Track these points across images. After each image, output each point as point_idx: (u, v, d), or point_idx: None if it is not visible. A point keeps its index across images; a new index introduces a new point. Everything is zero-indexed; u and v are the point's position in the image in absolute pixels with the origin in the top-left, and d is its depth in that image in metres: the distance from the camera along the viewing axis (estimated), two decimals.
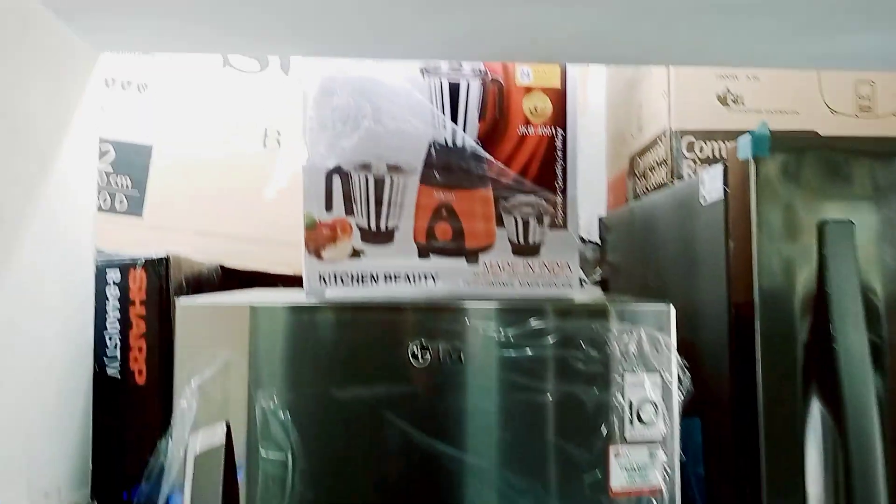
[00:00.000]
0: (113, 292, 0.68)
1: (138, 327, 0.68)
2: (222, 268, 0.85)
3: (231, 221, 0.86)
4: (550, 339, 0.59)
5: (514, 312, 0.60)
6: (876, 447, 0.63)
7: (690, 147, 0.84)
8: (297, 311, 0.61)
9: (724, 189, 0.68)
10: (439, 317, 0.60)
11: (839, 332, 0.64)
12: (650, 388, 0.59)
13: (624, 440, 0.59)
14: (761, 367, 0.65)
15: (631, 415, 0.59)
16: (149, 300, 0.68)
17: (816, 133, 0.84)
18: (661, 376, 0.60)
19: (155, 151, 0.85)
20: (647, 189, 0.94)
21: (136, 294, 0.68)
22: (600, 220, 1.10)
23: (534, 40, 0.65)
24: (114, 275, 0.69)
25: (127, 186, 0.84)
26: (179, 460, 0.58)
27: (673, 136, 0.85)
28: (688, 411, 0.67)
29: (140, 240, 0.84)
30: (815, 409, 0.66)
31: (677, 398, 0.60)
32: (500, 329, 0.59)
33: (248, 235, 0.86)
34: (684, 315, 0.73)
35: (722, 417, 0.70)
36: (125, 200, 0.84)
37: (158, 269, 0.68)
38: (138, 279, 0.68)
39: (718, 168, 0.69)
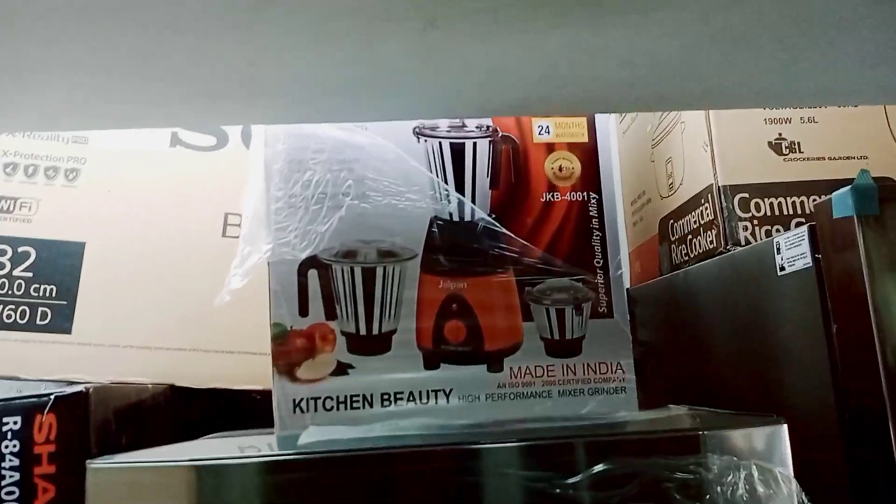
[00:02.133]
0: (10, 447, 0.50)
1: (45, 493, 0.50)
2: (173, 389, 0.68)
3: (184, 330, 0.69)
4: (623, 490, 0.42)
5: (570, 453, 0.43)
6: None
7: (745, 205, 0.70)
8: (262, 470, 0.43)
9: (814, 256, 0.53)
10: (466, 467, 0.42)
11: None
12: None
13: None
14: None
15: None
16: (61, 453, 0.50)
17: (891, 179, 0.70)
18: None
19: (89, 250, 0.69)
20: (688, 256, 0.79)
21: (42, 447, 0.50)
22: (626, 292, 0.94)
23: (552, 86, 0.50)
24: (12, 422, 0.50)
25: (51, 295, 0.67)
26: None
27: (722, 194, 0.70)
28: None
29: (68, 361, 0.66)
30: None
31: None
32: (552, 479, 0.42)
33: (207, 346, 0.69)
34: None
35: None
36: (49, 313, 0.67)
37: (75, 407, 0.51)
38: (46, 426, 0.50)
39: (802, 231, 0.54)
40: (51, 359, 0.66)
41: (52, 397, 0.50)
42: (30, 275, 0.67)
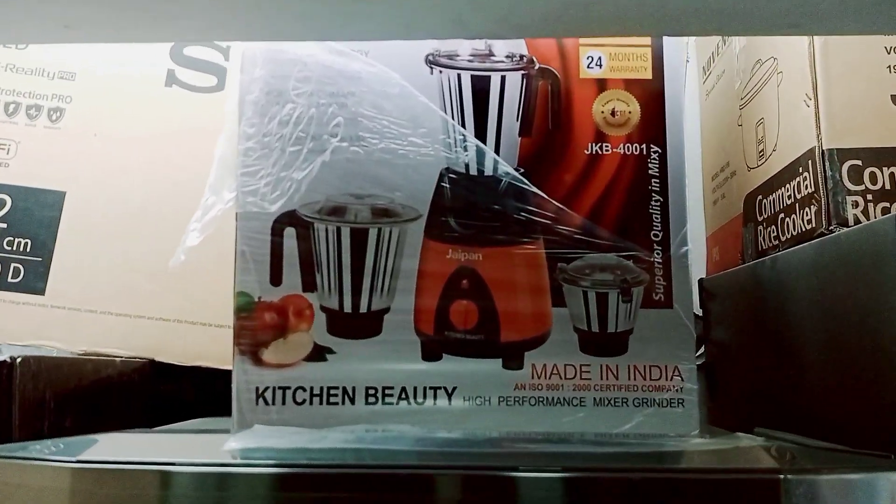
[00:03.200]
0: None
1: None
2: (152, 364, 0.59)
3: (169, 299, 0.60)
4: None
5: (616, 492, 0.30)
6: None
7: (856, 175, 0.54)
8: (203, 480, 0.32)
9: None
10: (471, 498, 0.30)
11: None
12: None
13: None
14: None
15: None
16: None
17: None
18: None
19: (69, 200, 0.61)
20: (779, 239, 0.64)
21: None
22: (700, 282, 0.79)
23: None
24: None
25: (26, 249, 0.59)
26: None
27: (826, 160, 0.55)
28: None
29: (40, 326, 0.58)
30: None
31: None
32: None
33: (191, 318, 0.60)
34: None
35: None
36: (22, 270, 0.59)
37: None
38: None
39: None
40: (22, 322, 0.59)
41: None
42: (3, 226, 0.60)
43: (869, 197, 0.55)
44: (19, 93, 0.62)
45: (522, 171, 0.44)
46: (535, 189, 0.43)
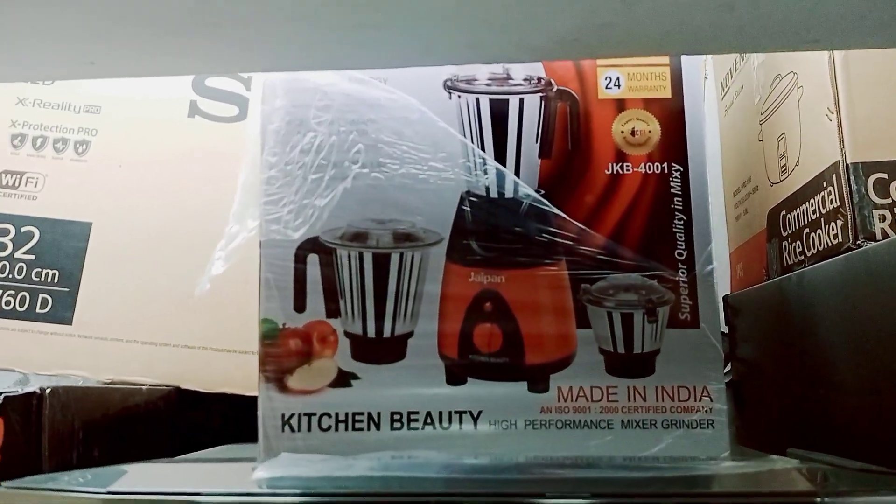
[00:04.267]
0: None
1: None
2: (178, 391, 0.59)
3: (194, 326, 0.60)
4: None
5: None
6: None
7: (882, 188, 0.53)
8: None
9: None
10: None
11: None
12: None
13: None
14: None
15: None
16: (7, 465, 0.42)
17: None
18: None
19: (95, 230, 0.62)
20: (804, 255, 0.63)
21: None
22: (724, 299, 0.78)
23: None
24: None
25: (53, 280, 0.60)
26: None
27: (851, 173, 0.54)
28: None
29: (68, 355, 0.59)
30: None
31: None
32: None
33: (216, 345, 0.60)
34: None
35: None
36: (50, 301, 0.60)
37: (26, 412, 0.42)
38: None
39: None
40: (49, 352, 0.60)
41: (0, 397, 0.42)
42: (32, 258, 0.61)
43: None
44: (46, 127, 0.64)
45: (543, 192, 0.44)
46: (556, 210, 0.43)
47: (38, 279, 0.61)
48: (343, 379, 0.43)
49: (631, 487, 0.32)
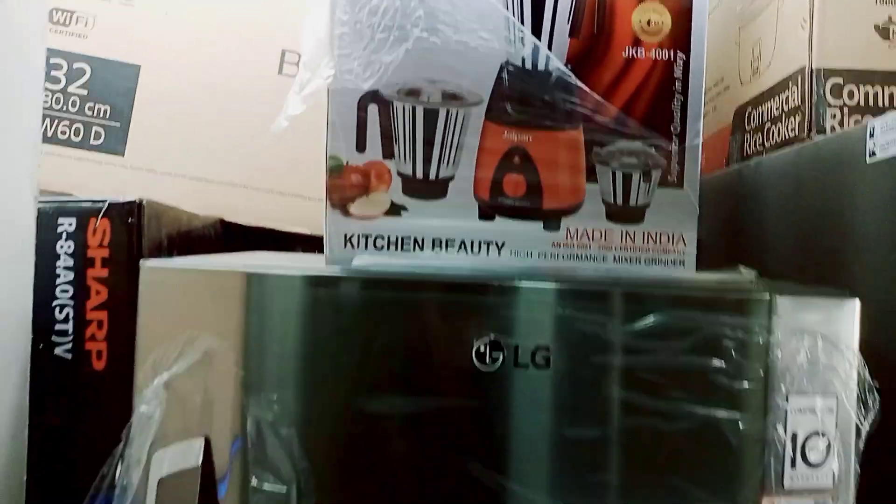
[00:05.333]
0: (66, 247, 0.50)
1: (98, 295, 0.50)
2: (222, 223, 0.67)
3: (237, 166, 0.68)
4: (684, 342, 0.40)
5: (630, 300, 0.41)
6: None
7: (837, 91, 0.64)
8: (313, 282, 0.42)
9: None
10: (519, 302, 0.41)
11: None
12: (823, 417, 0.40)
13: (782, 488, 0.40)
14: None
15: (794, 453, 0.40)
16: (114, 259, 0.50)
17: None
18: (838, 400, 0.41)
19: (144, 73, 0.67)
20: (764, 146, 0.74)
21: (96, 250, 0.50)
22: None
23: None
24: (67, 224, 0.51)
25: (105, 115, 0.66)
26: (136, 483, 0.41)
27: (814, 77, 0.64)
28: None
29: (119, 184, 0.66)
30: None
31: (861, 429, 0.41)
32: (608, 323, 0.40)
33: (259, 185, 0.68)
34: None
35: None
36: (102, 133, 0.66)
37: (129, 217, 0.50)
38: (100, 231, 0.50)
39: None
40: (105, 180, 0.67)
41: (106, 203, 0.50)
42: (84, 92, 0.66)
43: (845, 110, 0.65)
44: None
45: (570, 67, 0.53)
46: (579, 83, 0.52)
47: (90, 113, 0.66)
48: (395, 209, 0.52)
49: (616, 281, 0.43)
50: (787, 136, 0.69)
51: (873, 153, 0.52)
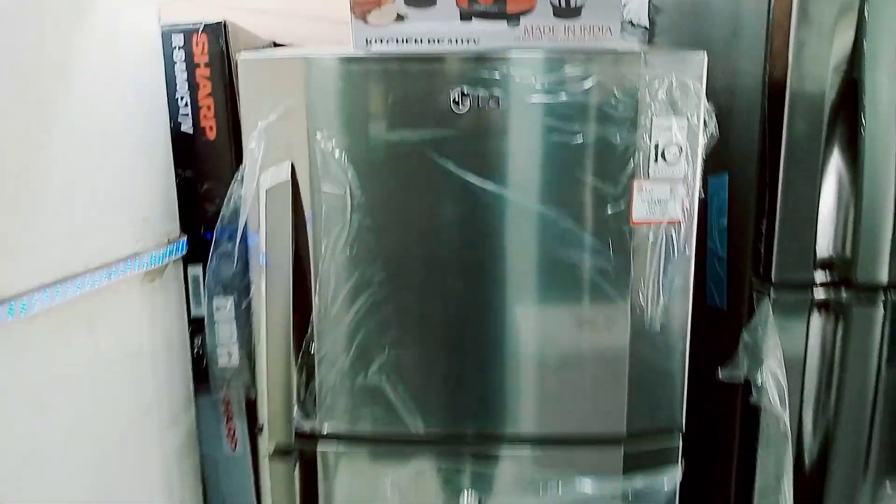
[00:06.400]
0: (179, 56, 0.74)
1: (205, 87, 0.75)
2: (275, 44, 0.90)
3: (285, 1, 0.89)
4: (584, 85, 0.63)
5: (550, 61, 0.64)
6: (890, 187, 0.68)
7: None
8: (347, 61, 0.66)
9: None
10: (479, 66, 0.65)
11: (869, 80, 0.66)
12: (677, 131, 0.64)
13: (647, 176, 0.64)
14: (787, 125, 0.69)
15: (656, 154, 0.64)
16: (212, 62, 0.74)
17: None
18: (689, 120, 0.64)
19: None
20: None
21: (199, 57, 0.74)
22: (650, 2, 1.09)
23: None
24: (178, 39, 0.74)
25: None
26: (252, 195, 0.67)
27: None
28: (717, 168, 0.72)
29: (194, 17, 0.88)
30: (835, 160, 0.69)
31: (702, 141, 0.64)
32: (536, 76, 0.63)
33: (302, 13, 0.89)
34: (726, 88, 0.75)
35: (748, 172, 0.75)
36: None
37: (218, 33, 0.73)
38: (201, 43, 0.73)
39: None
40: (181, 14, 0.88)
41: (202, 24, 0.73)
42: None
43: None
44: None
45: None
46: None
47: None
48: (400, 18, 0.74)
49: (550, 53, 0.65)
50: None
51: None
